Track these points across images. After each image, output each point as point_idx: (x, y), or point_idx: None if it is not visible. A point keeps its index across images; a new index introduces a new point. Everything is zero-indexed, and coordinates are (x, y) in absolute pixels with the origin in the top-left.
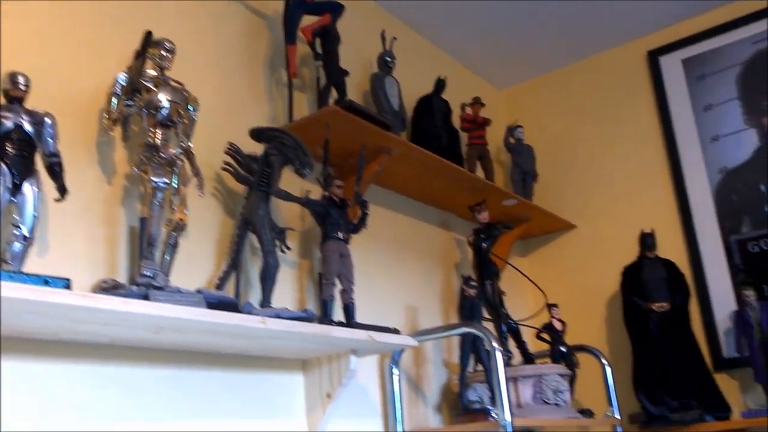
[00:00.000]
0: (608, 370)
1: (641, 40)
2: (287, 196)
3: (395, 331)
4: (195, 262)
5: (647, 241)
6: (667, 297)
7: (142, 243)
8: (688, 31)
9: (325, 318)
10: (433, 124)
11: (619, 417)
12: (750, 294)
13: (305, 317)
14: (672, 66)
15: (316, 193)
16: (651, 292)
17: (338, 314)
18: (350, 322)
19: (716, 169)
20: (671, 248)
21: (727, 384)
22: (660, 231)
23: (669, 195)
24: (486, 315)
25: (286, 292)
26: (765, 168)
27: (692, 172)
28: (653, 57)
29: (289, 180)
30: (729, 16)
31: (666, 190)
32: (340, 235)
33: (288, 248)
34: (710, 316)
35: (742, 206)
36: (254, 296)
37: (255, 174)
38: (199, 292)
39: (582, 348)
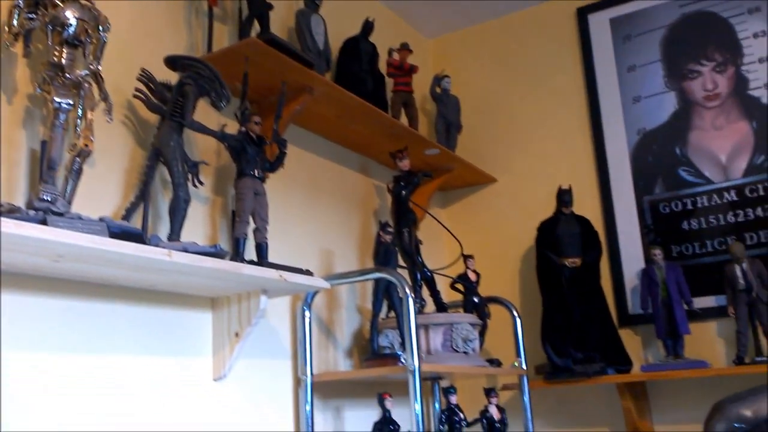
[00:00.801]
0: (518, 322)
1: None
2: (201, 128)
3: (308, 273)
4: (101, 192)
5: (564, 197)
6: (580, 253)
7: (42, 167)
8: None
9: (237, 256)
10: (358, 67)
11: (525, 368)
12: (658, 253)
13: (214, 252)
14: (600, 25)
15: (232, 128)
16: (564, 248)
17: (251, 254)
18: (262, 261)
19: (635, 130)
20: (587, 205)
21: (630, 339)
22: (577, 188)
23: (588, 153)
24: (401, 262)
25: (197, 228)
26: (681, 131)
27: (612, 131)
28: (582, 14)
29: (204, 113)
30: None
31: (586, 148)
32: (256, 172)
33: (201, 183)
34: (619, 273)
35: (657, 168)
36: (163, 231)
37: (168, 103)
38: (101, 220)
39: (495, 299)
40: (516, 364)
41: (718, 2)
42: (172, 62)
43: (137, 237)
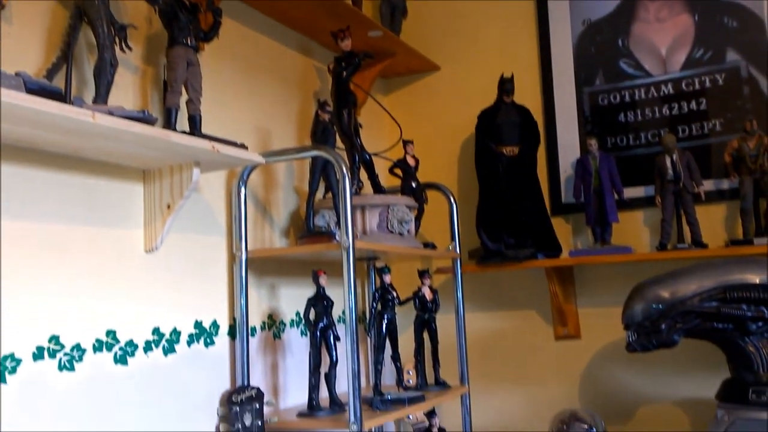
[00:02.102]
0: (455, 207)
1: None
2: None
3: (242, 146)
4: (19, 52)
5: (505, 86)
6: (518, 142)
7: None
8: None
9: (168, 127)
10: None
11: (459, 252)
12: (593, 143)
13: (142, 118)
14: None
15: None
16: (503, 136)
17: (184, 127)
18: (194, 132)
19: (580, 20)
20: (528, 95)
21: (562, 227)
22: (519, 77)
23: (532, 42)
24: (341, 145)
25: (126, 98)
26: (625, 23)
27: (557, 21)
28: None
29: None
30: None
31: (530, 37)
32: (189, 41)
33: (128, 47)
34: (555, 163)
35: (599, 59)
36: (89, 96)
37: None
38: (18, 75)
39: (432, 185)
40: (450, 248)
41: None
42: None
43: (57, 95)
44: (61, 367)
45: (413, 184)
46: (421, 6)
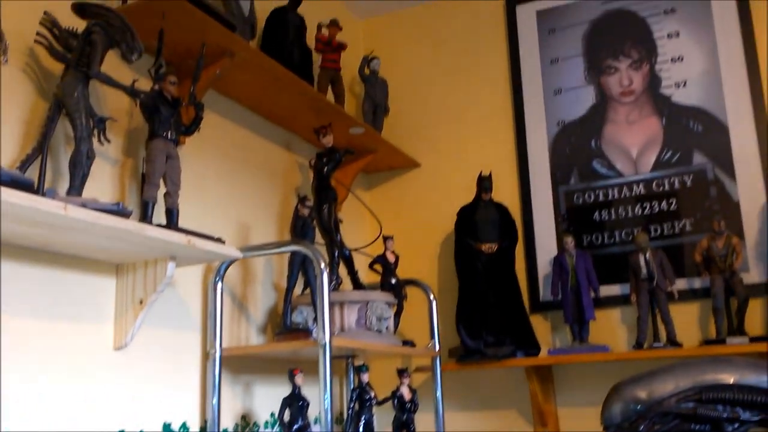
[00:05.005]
0: (434, 304)
1: None
2: (108, 80)
3: (219, 241)
4: None
5: (484, 183)
6: (497, 239)
7: None
8: None
9: (145, 220)
10: (284, 38)
11: (438, 349)
12: (569, 241)
13: (116, 211)
14: (527, 16)
15: (146, 88)
16: (482, 234)
17: (162, 221)
18: (170, 225)
19: (555, 121)
20: (506, 192)
21: (540, 325)
22: (498, 175)
23: (510, 141)
24: (320, 239)
25: (104, 190)
26: (597, 124)
27: (533, 122)
28: (511, 5)
29: (117, 71)
30: None
31: (508, 137)
32: (169, 135)
33: (107, 140)
34: (533, 261)
35: (573, 159)
36: (64, 189)
37: (73, 52)
38: None
39: (412, 282)
40: (430, 346)
41: (638, 1)
42: (80, 9)
43: (28, 187)
44: None
45: (393, 281)
46: (402, 104)
